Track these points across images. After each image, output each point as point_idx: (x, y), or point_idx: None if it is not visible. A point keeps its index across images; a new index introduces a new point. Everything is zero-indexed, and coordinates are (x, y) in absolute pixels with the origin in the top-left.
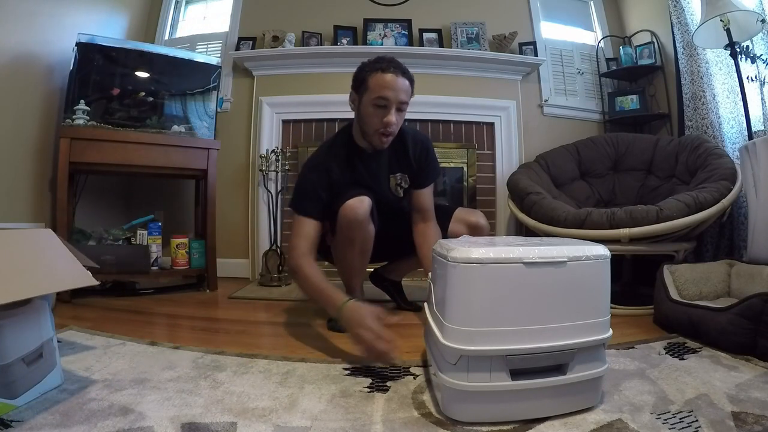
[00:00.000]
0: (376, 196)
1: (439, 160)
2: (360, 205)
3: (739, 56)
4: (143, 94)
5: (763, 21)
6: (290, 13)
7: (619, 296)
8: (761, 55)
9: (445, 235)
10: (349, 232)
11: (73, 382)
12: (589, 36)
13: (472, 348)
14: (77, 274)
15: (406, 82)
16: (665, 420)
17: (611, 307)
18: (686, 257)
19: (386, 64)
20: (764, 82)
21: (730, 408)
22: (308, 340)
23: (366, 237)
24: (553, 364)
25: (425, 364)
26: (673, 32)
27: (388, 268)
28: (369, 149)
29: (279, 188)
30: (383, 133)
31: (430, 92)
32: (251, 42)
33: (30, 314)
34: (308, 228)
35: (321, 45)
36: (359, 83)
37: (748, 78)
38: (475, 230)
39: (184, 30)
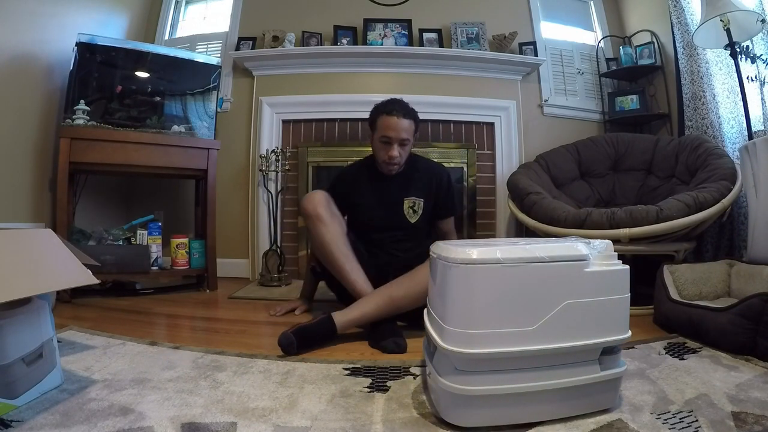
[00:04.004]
0: (386, 214)
1: (439, 160)
2: (311, 197)
3: (739, 56)
4: (150, 89)
5: (763, 21)
6: (290, 13)
7: None
8: (761, 55)
9: None
10: (307, 224)
11: (73, 382)
12: (589, 36)
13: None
14: (77, 273)
15: (408, 122)
16: (665, 420)
17: None
18: (686, 257)
19: (392, 106)
20: (764, 82)
21: (730, 408)
22: None
23: (326, 231)
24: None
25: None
26: (673, 32)
27: None
28: (385, 173)
29: (279, 188)
30: (389, 164)
31: (430, 92)
32: (251, 42)
33: (30, 314)
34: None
35: (321, 45)
36: (371, 122)
37: (748, 78)
38: None
39: (184, 30)
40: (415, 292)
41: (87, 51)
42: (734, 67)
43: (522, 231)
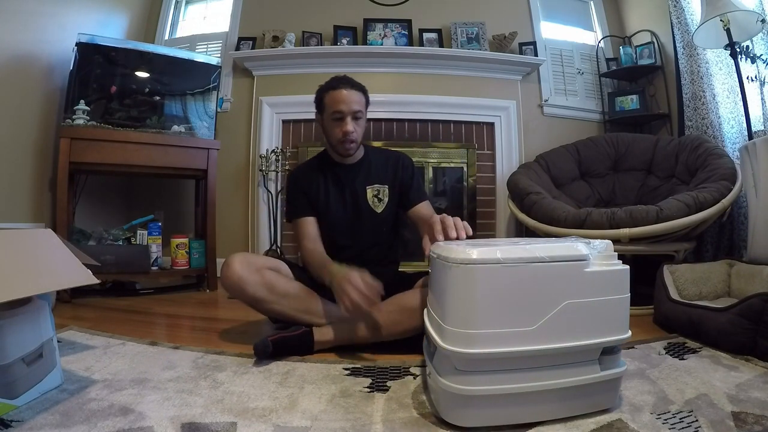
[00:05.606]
0: (350, 208)
1: (438, 159)
2: (232, 275)
3: (739, 56)
4: (150, 89)
5: (763, 21)
6: (290, 13)
7: None
8: (761, 55)
9: None
10: (254, 307)
11: (73, 382)
12: (589, 36)
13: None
14: (77, 273)
15: (357, 94)
16: (665, 420)
17: None
18: (686, 257)
19: (336, 82)
20: (764, 82)
21: (730, 408)
22: None
23: (278, 303)
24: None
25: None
26: (673, 32)
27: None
28: (342, 162)
29: (279, 188)
30: (345, 141)
31: (430, 92)
32: (251, 42)
33: (30, 314)
34: (307, 227)
35: (321, 45)
36: (318, 103)
37: (748, 78)
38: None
39: (184, 30)
40: (402, 326)
41: (87, 51)
42: (734, 67)
43: (522, 231)
